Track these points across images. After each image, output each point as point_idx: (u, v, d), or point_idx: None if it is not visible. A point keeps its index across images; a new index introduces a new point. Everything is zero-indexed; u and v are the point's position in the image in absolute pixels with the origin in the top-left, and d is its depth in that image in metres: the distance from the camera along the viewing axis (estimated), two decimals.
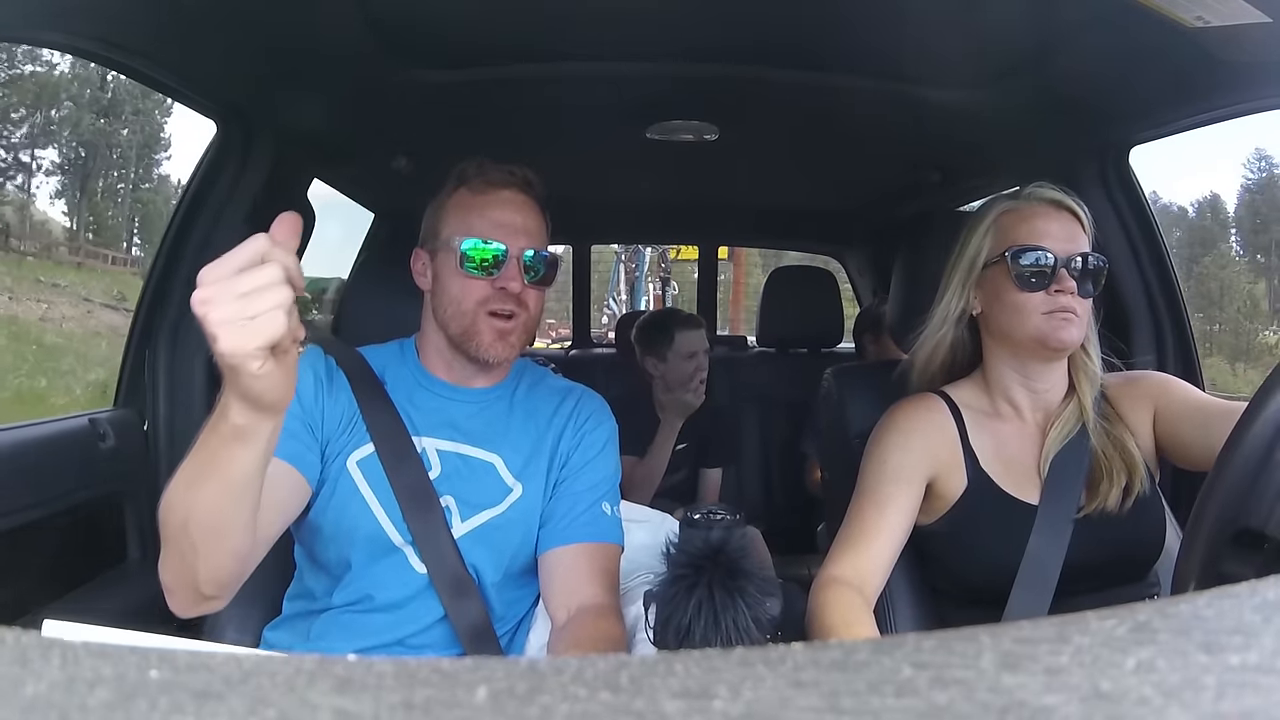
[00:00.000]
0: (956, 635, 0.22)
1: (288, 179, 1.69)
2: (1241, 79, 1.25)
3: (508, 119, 1.79)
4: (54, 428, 1.38)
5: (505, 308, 1.07)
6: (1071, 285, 1.07)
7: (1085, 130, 1.61)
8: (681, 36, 1.42)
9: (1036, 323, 1.08)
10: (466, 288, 1.07)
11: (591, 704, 0.18)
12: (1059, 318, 1.07)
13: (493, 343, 1.07)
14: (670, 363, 2.27)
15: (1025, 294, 1.08)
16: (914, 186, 2.35)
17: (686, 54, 1.49)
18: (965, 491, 1.12)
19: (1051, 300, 1.07)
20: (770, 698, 0.19)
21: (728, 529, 1.17)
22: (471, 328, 1.08)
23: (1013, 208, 1.12)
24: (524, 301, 1.09)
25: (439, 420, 1.11)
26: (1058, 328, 1.07)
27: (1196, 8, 1.05)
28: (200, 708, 0.18)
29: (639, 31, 1.39)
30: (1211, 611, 0.23)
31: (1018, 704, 0.19)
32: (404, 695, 0.19)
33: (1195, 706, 0.19)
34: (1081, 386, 1.14)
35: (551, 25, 1.38)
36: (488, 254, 1.06)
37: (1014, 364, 1.14)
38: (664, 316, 2.43)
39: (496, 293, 1.07)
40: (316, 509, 1.07)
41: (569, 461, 1.14)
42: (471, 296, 1.07)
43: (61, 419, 1.43)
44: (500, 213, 1.09)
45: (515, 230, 1.08)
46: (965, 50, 1.40)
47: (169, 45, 1.27)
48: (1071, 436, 1.11)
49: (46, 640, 0.21)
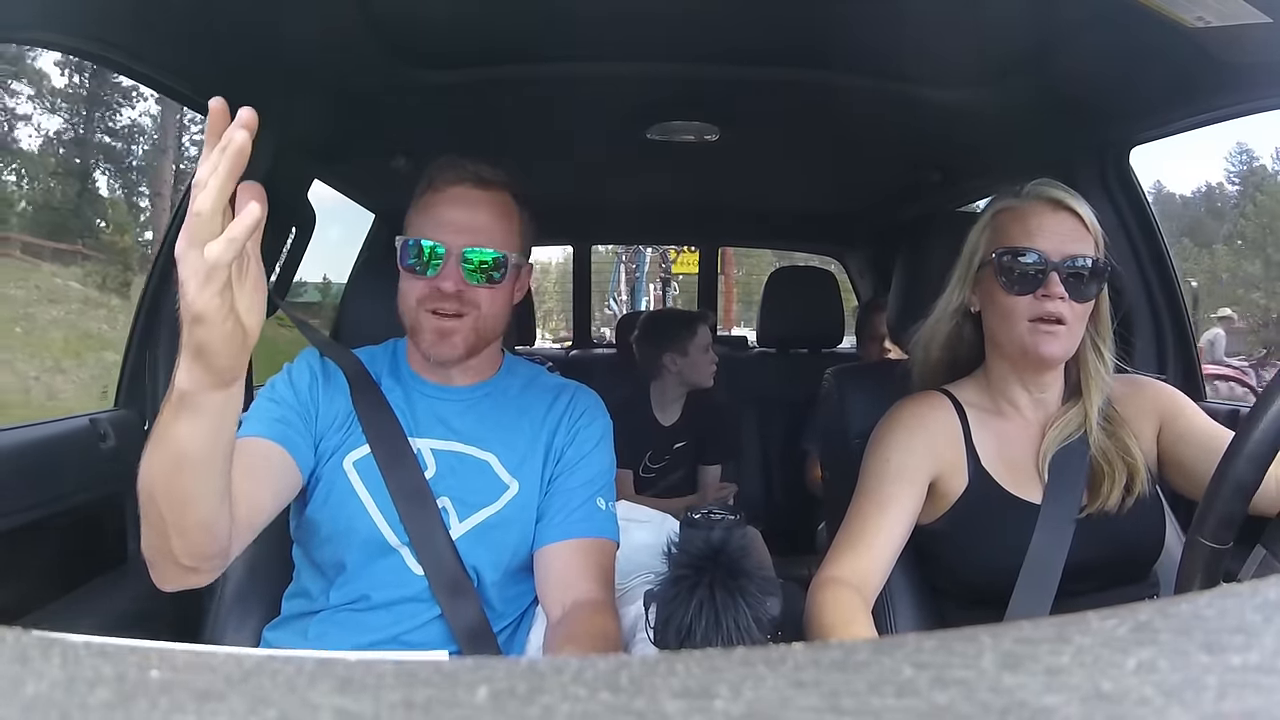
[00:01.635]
0: (957, 635, 0.22)
1: (288, 179, 1.69)
2: (1242, 79, 1.25)
3: (507, 119, 1.79)
4: (55, 428, 1.38)
5: (443, 306, 1.06)
6: (1060, 290, 1.04)
7: (1085, 130, 1.61)
8: (682, 37, 1.42)
9: (1020, 331, 1.06)
10: (408, 285, 1.08)
11: (592, 704, 0.18)
12: (1043, 330, 1.05)
13: (435, 342, 1.07)
14: (691, 355, 2.33)
15: (1011, 297, 1.06)
16: (914, 187, 2.35)
17: (687, 54, 1.49)
18: (966, 490, 1.11)
19: (1037, 305, 1.04)
20: (771, 697, 0.19)
21: (728, 529, 1.17)
22: (415, 326, 1.08)
23: (1010, 205, 1.10)
24: (470, 300, 1.07)
25: (432, 420, 1.11)
26: (1040, 341, 1.05)
27: (1197, 8, 1.05)
28: (201, 707, 0.18)
29: (639, 32, 1.40)
30: (1213, 611, 0.23)
31: (1018, 704, 0.19)
32: (405, 695, 0.19)
33: (1196, 706, 0.19)
34: (1090, 393, 1.11)
35: (552, 26, 1.38)
36: (424, 252, 1.06)
37: (1009, 364, 1.13)
38: (681, 313, 2.50)
39: (433, 291, 1.06)
40: (312, 509, 1.08)
41: (563, 457, 1.13)
42: (411, 295, 1.08)
43: (62, 419, 1.43)
44: (445, 210, 1.08)
45: (457, 228, 1.07)
46: (965, 50, 1.40)
47: (167, 45, 1.28)
48: (1072, 440, 1.10)
49: (47, 640, 0.21)
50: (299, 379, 1.10)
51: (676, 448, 2.40)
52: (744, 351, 3.18)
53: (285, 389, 1.08)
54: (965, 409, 1.15)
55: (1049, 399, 1.14)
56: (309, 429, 1.07)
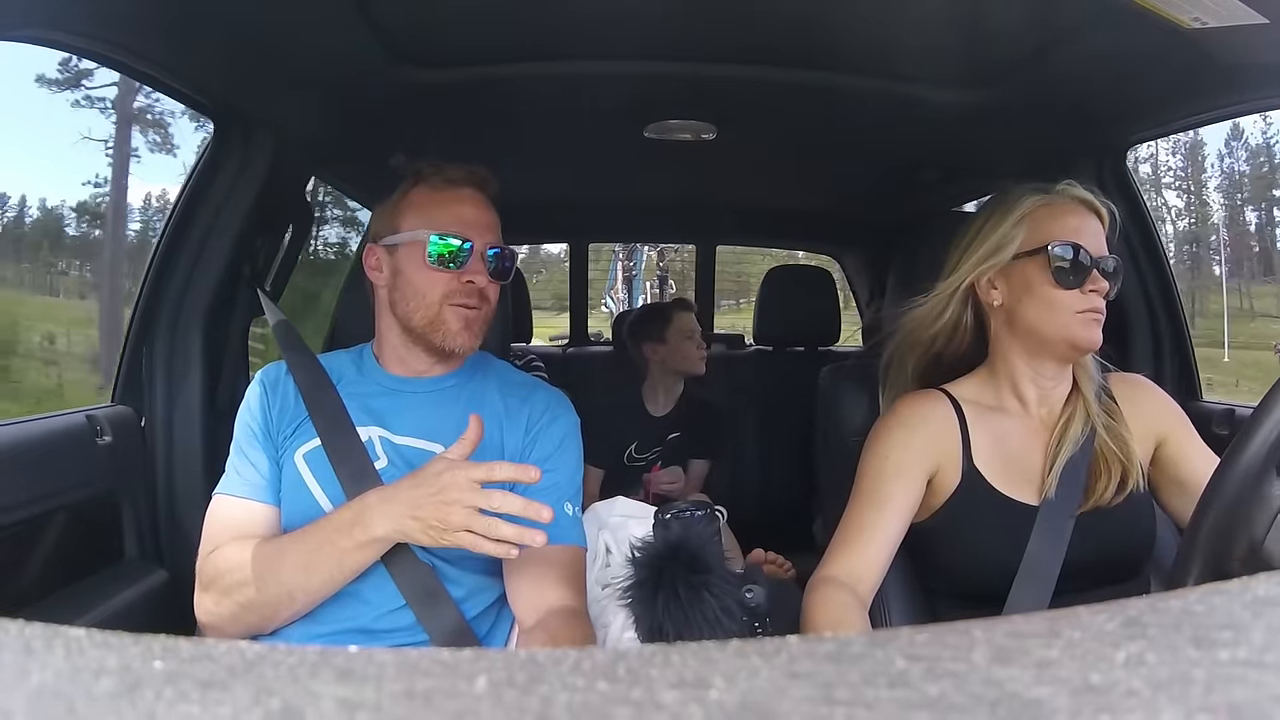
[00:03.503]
0: (949, 629, 0.22)
1: (286, 178, 1.69)
2: (1238, 79, 1.26)
3: (505, 118, 1.79)
4: (51, 424, 1.38)
5: (470, 300, 1.12)
6: (1104, 285, 1.08)
7: (1082, 130, 1.61)
8: (679, 35, 1.42)
9: (1068, 321, 1.08)
10: (432, 280, 1.11)
11: (590, 694, 0.19)
12: (1091, 318, 1.08)
13: (459, 331, 1.12)
14: (670, 342, 2.39)
15: (1061, 290, 1.08)
16: (911, 186, 2.35)
17: (684, 53, 1.49)
18: (958, 489, 1.12)
19: (1085, 299, 1.07)
20: (765, 688, 0.19)
21: (685, 525, 1.18)
22: (437, 319, 1.12)
23: (1047, 202, 1.12)
24: (486, 295, 1.14)
25: (388, 411, 1.14)
26: (1090, 331, 1.08)
27: (1194, 9, 1.05)
28: (205, 697, 0.18)
29: (637, 30, 1.39)
30: (1202, 607, 0.24)
31: (1009, 696, 0.19)
32: (405, 685, 0.19)
33: (1184, 700, 0.19)
34: (1084, 386, 1.14)
35: (549, 24, 1.38)
36: (453, 248, 1.11)
37: (1028, 358, 1.13)
38: (656, 304, 2.55)
39: (462, 286, 1.11)
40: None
41: (527, 458, 1.14)
42: (437, 289, 1.11)
43: (59, 415, 1.42)
44: (463, 209, 1.14)
45: (479, 226, 1.13)
46: (963, 50, 1.40)
47: (167, 45, 1.27)
48: (1081, 442, 1.11)
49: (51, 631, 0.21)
50: (252, 402, 1.16)
51: (671, 439, 2.43)
52: (740, 349, 3.19)
53: (244, 427, 1.15)
54: (963, 406, 1.15)
55: (1057, 393, 1.15)
56: (271, 451, 1.12)
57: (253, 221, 1.60)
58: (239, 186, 1.57)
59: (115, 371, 1.62)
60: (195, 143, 1.64)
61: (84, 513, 1.41)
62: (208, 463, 1.59)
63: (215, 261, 1.59)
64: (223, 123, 1.54)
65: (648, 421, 2.44)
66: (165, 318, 1.59)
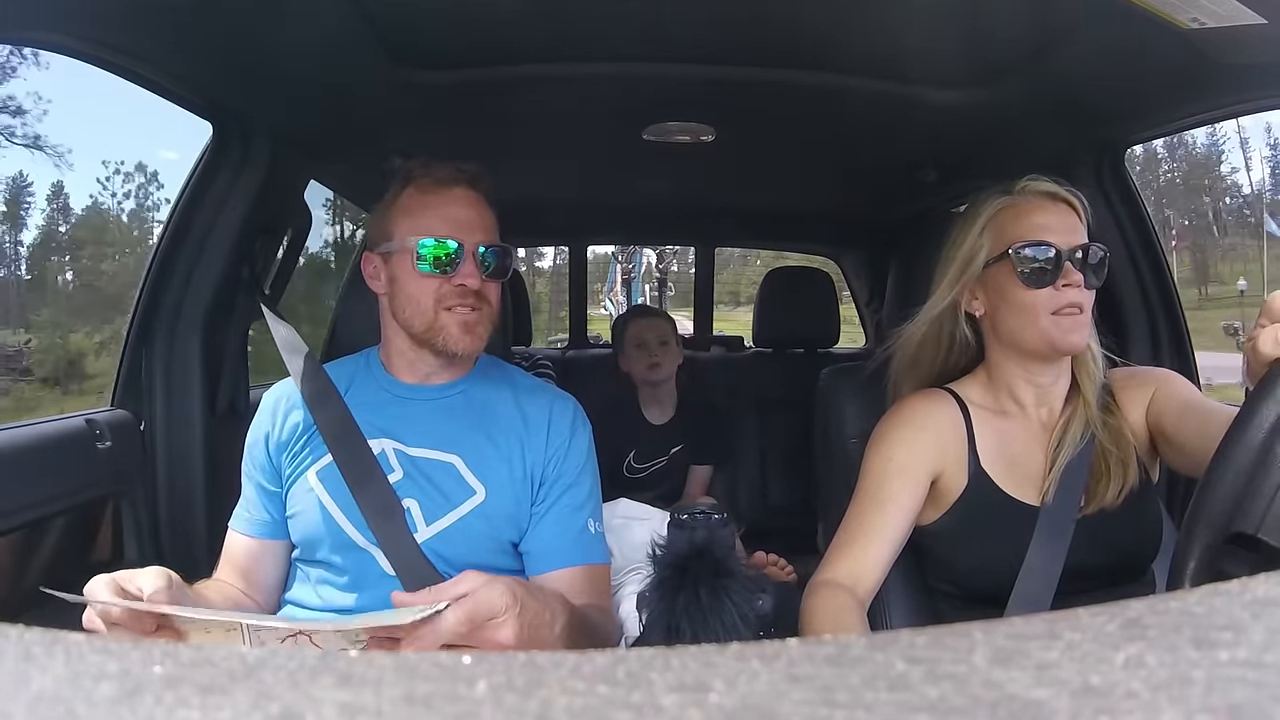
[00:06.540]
0: (949, 631, 0.22)
1: (284, 180, 1.69)
2: (1236, 79, 1.26)
3: (503, 119, 1.79)
4: (51, 428, 1.38)
5: (465, 303, 1.09)
6: (1077, 278, 1.05)
7: (1081, 130, 1.62)
8: (678, 37, 1.42)
9: (1044, 325, 1.06)
10: (424, 286, 1.09)
11: (590, 697, 0.19)
12: (1066, 319, 1.05)
13: (460, 335, 1.10)
14: (626, 351, 2.35)
15: (1031, 291, 1.06)
16: (910, 187, 2.35)
17: (683, 55, 1.49)
18: (965, 491, 1.11)
19: (1059, 296, 1.05)
20: (765, 691, 0.19)
21: (711, 529, 1.18)
22: (435, 324, 1.10)
23: (1008, 204, 1.10)
24: (483, 295, 1.11)
25: (400, 422, 1.12)
26: (1067, 331, 1.06)
27: (1192, 9, 1.05)
28: (205, 702, 0.18)
29: (635, 32, 1.39)
30: (1202, 608, 0.24)
31: (1009, 698, 0.19)
32: (405, 689, 0.19)
33: (1184, 701, 0.19)
34: (1085, 386, 1.12)
35: (547, 26, 1.38)
36: (442, 251, 1.08)
37: (1017, 361, 1.12)
38: (626, 311, 2.53)
39: (455, 289, 1.09)
40: (291, 523, 1.12)
41: (551, 474, 1.13)
42: (430, 294, 1.09)
43: (59, 419, 1.42)
44: (453, 210, 1.11)
45: (470, 226, 1.10)
46: (961, 50, 1.40)
47: (164, 47, 1.27)
48: (1081, 444, 1.10)
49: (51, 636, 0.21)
50: (256, 431, 1.17)
51: (674, 451, 2.37)
52: (739, 352, 3.18)
53: (249, 458, 1.16)
54: (969, 407, 1.14)
55: (1055, 392, 1.14)
56: (277, 481, 1.13)
57: (251, 224, 1.60)
58: (237, 189, 1.57)
59: (115, 375, 1.62)
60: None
61: (84, 516, 1.41)
62: (207, 466, 1.59)
63: (214, 264, 1.59)
64: (221, 125, 1.53)
65: (648, 430, 2.38)
66: (164, 321, 1.59)
